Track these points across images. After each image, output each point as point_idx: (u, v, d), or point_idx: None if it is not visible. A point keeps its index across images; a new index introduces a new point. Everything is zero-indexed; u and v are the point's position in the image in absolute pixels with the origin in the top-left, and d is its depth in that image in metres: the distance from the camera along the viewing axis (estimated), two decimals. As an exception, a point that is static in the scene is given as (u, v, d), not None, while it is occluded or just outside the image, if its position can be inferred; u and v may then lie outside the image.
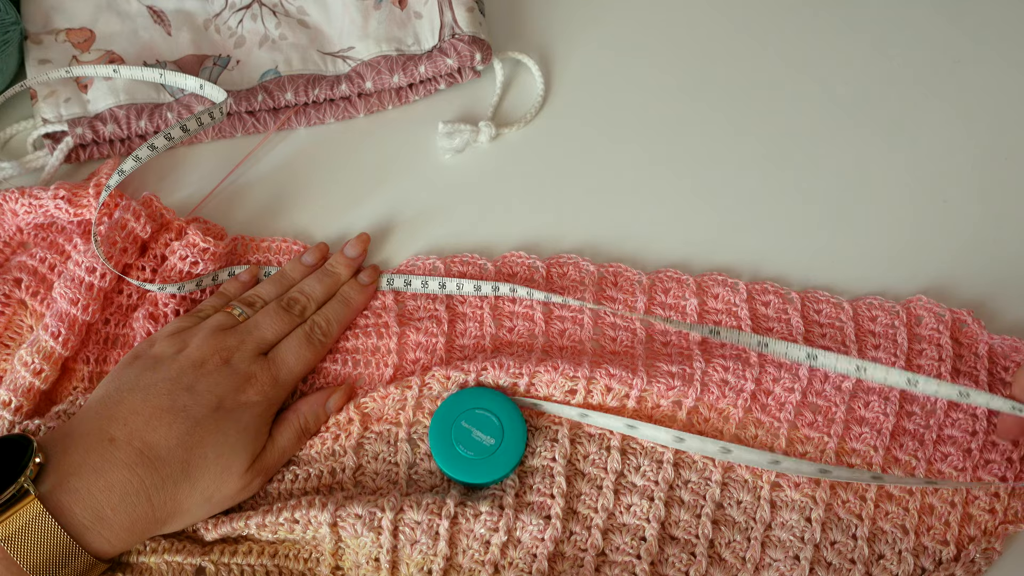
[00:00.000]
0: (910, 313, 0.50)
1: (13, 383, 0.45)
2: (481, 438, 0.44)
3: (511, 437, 0.44)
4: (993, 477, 0.45)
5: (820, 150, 0.56)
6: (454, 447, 0.44)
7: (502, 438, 0.44)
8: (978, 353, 0.49)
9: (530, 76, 0.58)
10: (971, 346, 0.49)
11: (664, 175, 0.55)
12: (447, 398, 0.45)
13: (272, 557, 0.43)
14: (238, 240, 0.52)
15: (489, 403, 0.45)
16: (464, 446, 0.44)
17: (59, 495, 0.38)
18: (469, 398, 0.45)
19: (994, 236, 0.53)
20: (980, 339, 0.49)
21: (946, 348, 0.48)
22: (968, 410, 0.47)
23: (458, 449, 0.43)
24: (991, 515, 0.45)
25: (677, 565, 0.43)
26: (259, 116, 0.55)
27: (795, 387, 0.47)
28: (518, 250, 0.52)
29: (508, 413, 0.44)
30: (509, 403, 0.45)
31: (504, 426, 0.44)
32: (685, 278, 0.51)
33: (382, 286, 0.51)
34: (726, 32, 0.60)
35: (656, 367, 0.46)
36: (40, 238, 0.50)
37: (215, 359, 0.44)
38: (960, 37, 0.60)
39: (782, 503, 0.45)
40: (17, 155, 0.55)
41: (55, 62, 0.55)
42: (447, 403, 0.45)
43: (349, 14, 0.56)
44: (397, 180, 0.55)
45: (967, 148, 0.56)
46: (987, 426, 0.46)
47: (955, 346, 0.49)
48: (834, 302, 0.50)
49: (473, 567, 0.42)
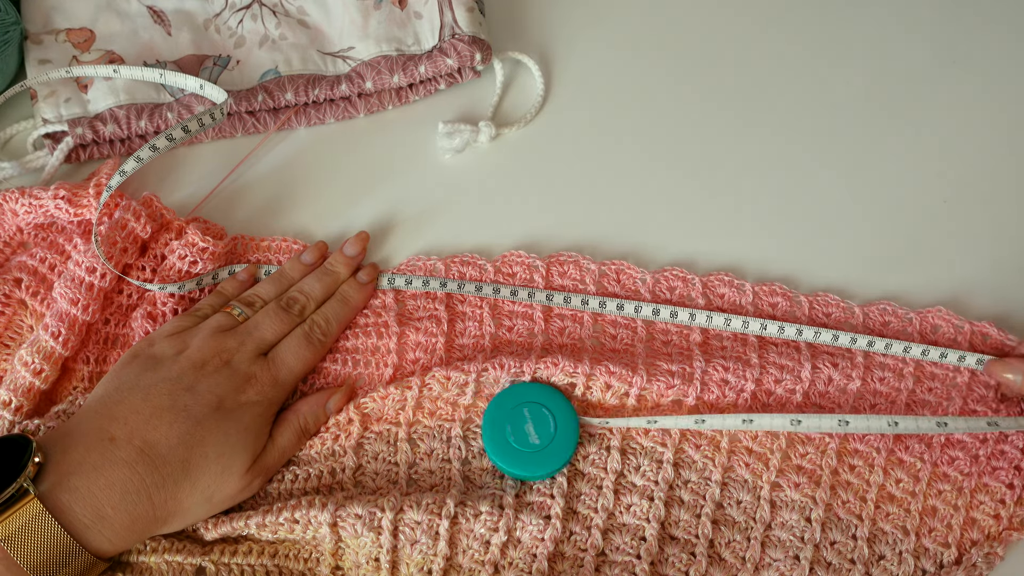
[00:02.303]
0: (925, 321, 0.49)
1: (13, 383, 0.45)
2: (531, 433, 0.44)
3: (563, 436, 0.44)
4: (1000, 484, 0.45)
5: (823, 150, 0.56)
6: (507, 437, 0.44)
7: (554, 436, 0.44)
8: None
9: (530, 76, 0.58)
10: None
11: (665, 175, 0.55)
12: (510, 386, 0.46)
13: (272, 557, 0.43)
14: (238, 239, 0.52)
15: (548, 400, 0.45)
16: (516, 438, 0.44)
17: (59, 494, 0.38)
18: (530, 391, 0.45)
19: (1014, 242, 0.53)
20: (1007, 348, 0.48)
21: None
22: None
23: (510, 440, 0.44)
24: (995, 520, 0.44)
25: (677, 565, 0.43)
26: (259, 116, 0.55)
27: (796, 388, 0.47)
28: (518, 250, 0.51)
29: (564, 413, 0.45)
30: (567, 403, 0.45)
31: (558, 424, 0.44)
32: (691, 277, 0.51)
33: (382, 285, 0.51)
34: (728, 31, 0.60)
35: (656, 365, 0.46)
36: (40, 238, 0.50)
37: (216, 360, 0.44)
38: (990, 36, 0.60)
39: (782, 503, 0.45)
40: (17, 155, 0.55)
41: (55, 62, 0.55)
42: (509, 391, 0.45)
43: (349, 14, 0.56)
44: (397, 180, 0.55)
45: (988, 149, 0.56)
46: (997, 433, 0.46)
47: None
48: (844, 307, 0.50)
49: (473, 567, 0.42)
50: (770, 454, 0.45)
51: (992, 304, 0.51)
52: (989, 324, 0.49)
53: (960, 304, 0.50)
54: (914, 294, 0.51)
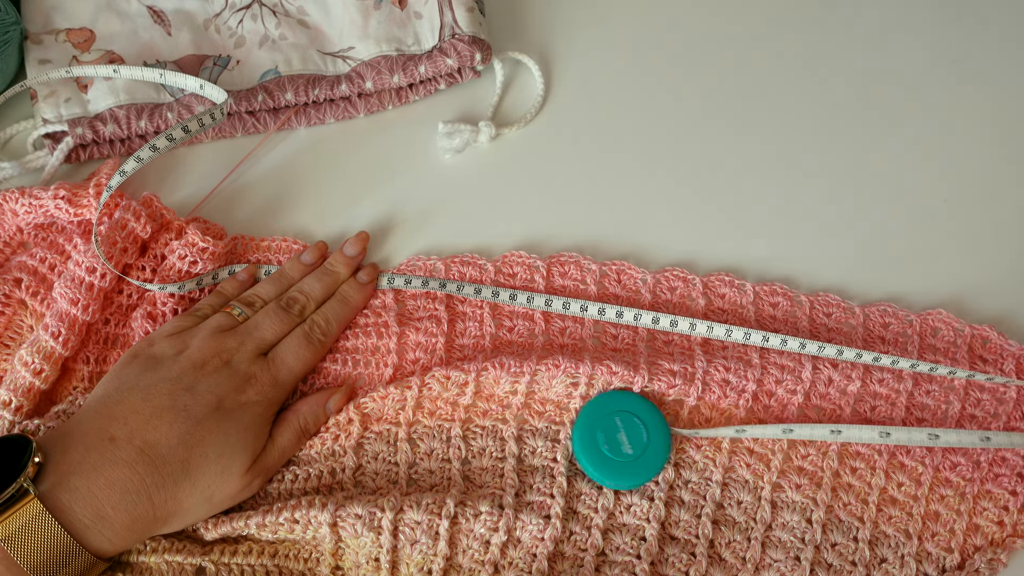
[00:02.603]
0: (925, 323, 0.49)
1: (13, 383, 0.45)
2: (624, 442, 0.44)
3: (655, 447, 0.44)
4: (1004, 491, 0.45)
5: (824, 150, 0.56)
6: (599, 445, 0.44)
7: (646, 447, 0.44)
8: (1004, 370, 0.48)
9: (530, 76, 0.58)
10: (996, 362, 0.48)
11: (665, 175, 0.55)
12: (601, 394, 0.45)
13: (272, 557, 0.43)
14: (238, 239, 0.52)
15: (641, 410, 0.45)
16: (609, 446, 0.44)
17: (59, 494, 0.38)
18: (622, 400, 0.45)
19: (1014, 243, 0.53)
20: (1007, 353, 0.48)
21: (962, 363, 0.48)
22: (981, 422, 0.46)
23: (603, 448, 0.44)
24: (999, 527, 0.44)
25: (677, 565, 0.43)
26: (259, 116, 0.55)
27: (798, 389, 0.47)
28: (518, 250, 0.51)
29: (656, 423, 0.45)
30: (658, 414, 0.45)
31: (650, 435, 0.44)
32: (691, 277, 0.51)
33: (382, 285, 0.50)
34: (728, 31, 0.60)
35: (658, 365, 0.46)
36: (40, 238, 0.50)
37: (216, 360, 0.44)
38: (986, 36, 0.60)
39: (783, 504, 0.45)
40: (17, 155, 0.55)
41: (55, 62, 0.55)
42: (601, 399, 0.45)
43: (349, 14, 0.56)
44: (397, 180, 0.55)
45: (988, 149, 0.56)
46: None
47: (980, 363, 0.48)
48: (845, 307, 0.50)
49: (473, 567, 0.42)
50: (771, 455, 0.45)
51: (992, 305, 0.51)
52: (989, 328, 0.49)
53: (960, 305, 0.51)
54: (914, 294, 0.51)
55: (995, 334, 0.48)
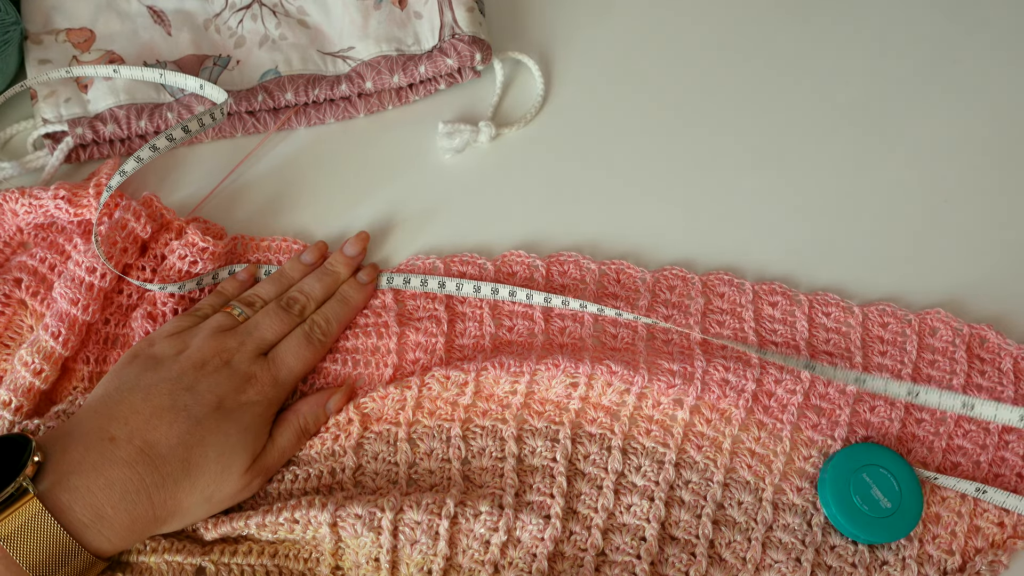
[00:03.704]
0: (923, 323, 0.49)
1: (13, 383, 0.45)
2: (880, 497, 0.43)
3: (909, 494, 0.44)
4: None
5: (824, 150, 0.56)
6: (852, 499, 0.43)
7: (901, 496, 0.44)
8: (1002, 368, 0.48)
9: (530, 76, 0.58)
10: (994, 361, 0.48)
11: (665, 175, 0.55)
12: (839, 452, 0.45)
13: (272, 557, 0.43)
14: (238, 239, 0.52)
15: (883, 460, 0.44)
16: (862, 500, 0.43)
17: (58, 493, 0.38)
18: (866, 453, 0.45)
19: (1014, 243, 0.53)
20: (1004, 352, 0.48)
21: (960, 363, 0.48)
22: (981, 423, 0.46)
23: (856, 502, 0.43)
24: (1000, 528, 0.44)
25: (677, 565, 0.43)
26: (259, 116, 0.55)
27: (797, 389, 0.47)
28: (518, 250, 0.51)
29: (902, 471, 0.44)
30: (899, 459, 0.44)
31: (900, 484, 0.44)
32: (690, 276, 0.51)
33: (381, 285, 0.51)
34: (728, 31, 0.60)
35: (657, 365, 0.46)
36: (40, 238, 0.50)
37: (216, 360, 0.44)
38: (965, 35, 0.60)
39: (784, 505, 0.45)
40: (17, 155, 0.55)
41: (55, 62, 0.55)
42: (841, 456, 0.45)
43: (349, 14, 0.56)
44: (397, 180, 0.55)
45: (986, 149, 0.56)
46: (998, 440, 0.46)
47: (977, 362, 0.48)
48: (844, 306, 0.50)
49: (473, 567, 0.42)
50: (773, 456, 0.45)
51: (991, 305, 0.51)
52: (987, 327, 0.49)
53: (959, 304, 0.50)
54: (913, 294, 0.51)
55: (993, 333, 0.48)
